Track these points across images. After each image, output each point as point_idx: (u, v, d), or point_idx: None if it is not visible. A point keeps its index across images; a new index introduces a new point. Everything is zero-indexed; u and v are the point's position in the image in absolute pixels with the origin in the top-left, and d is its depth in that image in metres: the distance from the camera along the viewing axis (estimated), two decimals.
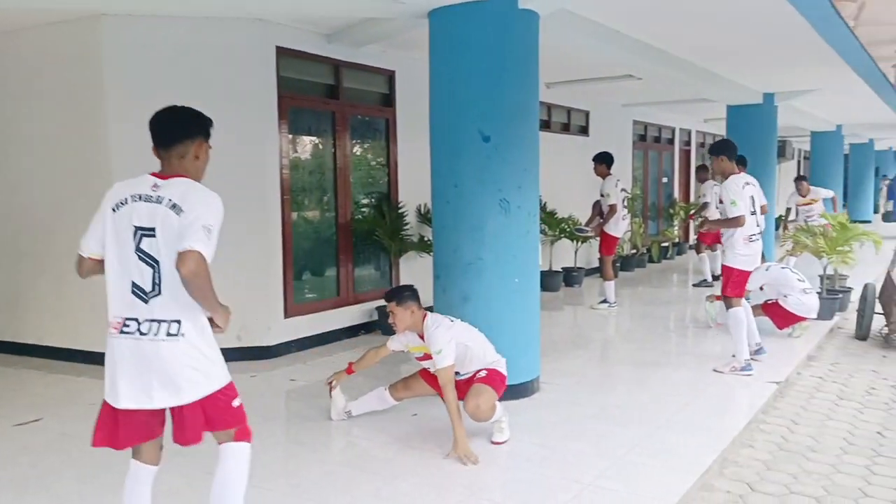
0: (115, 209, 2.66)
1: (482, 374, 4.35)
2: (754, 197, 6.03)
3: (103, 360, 2.72)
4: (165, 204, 2.59)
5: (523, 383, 5.24)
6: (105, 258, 2.69)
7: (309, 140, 7.34)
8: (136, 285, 2.61)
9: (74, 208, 5.86)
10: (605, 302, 8.97)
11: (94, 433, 2.73)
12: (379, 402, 4.82)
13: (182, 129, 2.73)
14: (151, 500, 2.87)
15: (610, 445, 4.33)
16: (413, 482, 3.84)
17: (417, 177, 7.31)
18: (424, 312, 4.37)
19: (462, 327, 4.43)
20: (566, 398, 5.30)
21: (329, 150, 7.39)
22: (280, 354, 6.62)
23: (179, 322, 2.60)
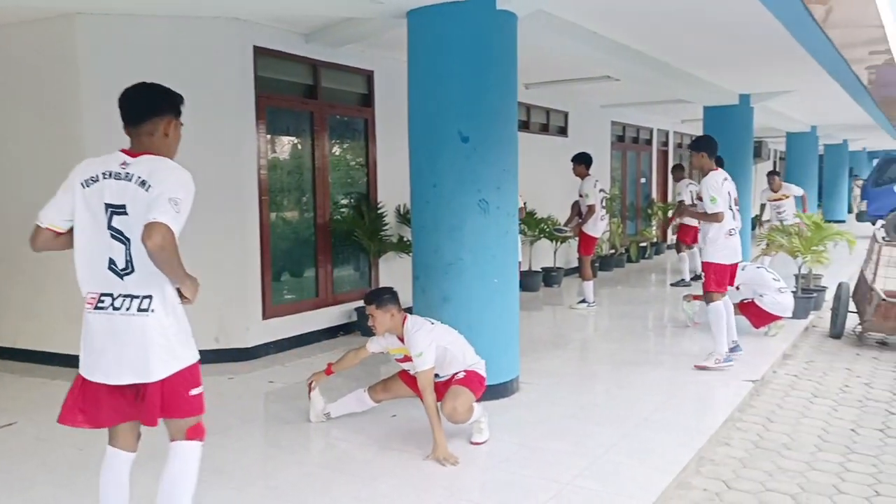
0: (86, 185, 2.64)
1: (460, 376, 4.35)
2: (731, 193, 6.18)
3: (78, 363, 2.71)
4: (135, 181, 2.58)
5: (503, 383, 5.25)
6: (75, 234, 2.68)
7: (287, 140, 7.30)
8: (113, 262, 2.61)
9: None
10: (584, 302, 9.02)
11: (61, 411, 2.72)
12: (358, 403, 4.81)
13: (151, 107, 2.70)
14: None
15: (589, 445, 4.35)
16: (392, 483, 3.84)
17: (397, 177, 7.30)
18: (404, 315, 4.36)
19: (442, 329, 4.42)
20: (545, 398, 5.32)
21: (307, 150, 7.36)
22: (258, 356, 6.58)
23: (151, 297, 2.60)
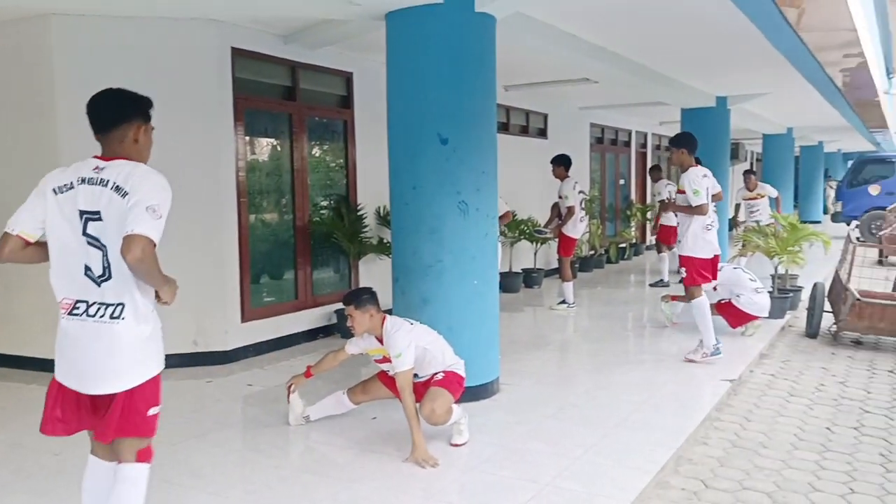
0: (58, 191, 2.62)
1: (439, 377, 4.34)
2: (709, 189, 6.39)
3: (54, 367, 2.69)
4: (109, 187, 2.55)
5: (483, 385, 5.26)
6: (49, 241, 2.65)
7: (266, 142, 7.26)
8: (89, 268, 2.59)
9: None
10: (563, 303, 9.05)
11: (42, 419, 2.71)
12: (337, 406, 4.79)
13: (118, 113, 2.68)
14: None
15: (568, 445, 4.37)
16: (372, 486, 3.83)
17: (376, 179, 7.30)
18: (383, 315, 4.36)
19: (421, 330, 4.42)
20: (525, 399, 5.34)
21: (286, 151, 7.32)
22: (237, 359, 6.53)
23: (123, 305, 2.58)
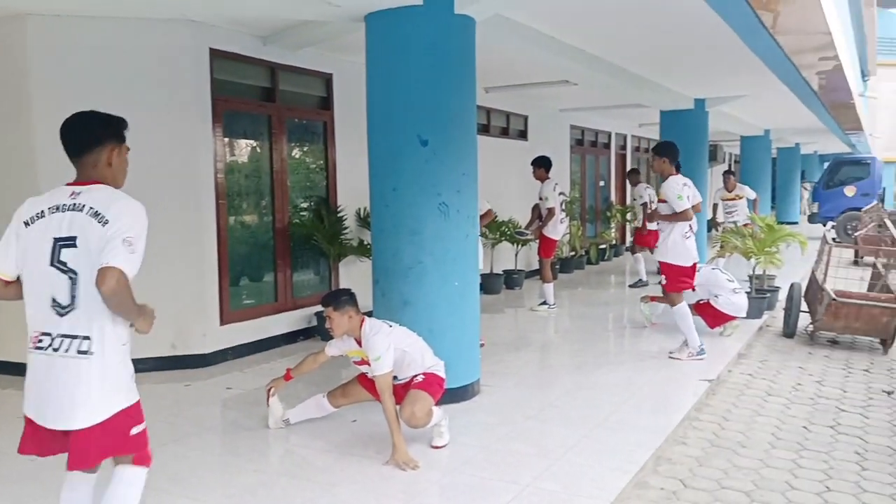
0: (29, 223, 2.59)
1: (419, 380, 4.34)
2: (689, 197, 6.47)
3: None
4: (86, 212, 2.52)
5: (463, 386, 5.25)
6: (22, 274, 2.62)
7: (245, 143, 7.22)
8: (55, 300, 2.54)
9: None
10: (544, 304, 9.08)
11: (20, 441, 2.69)
12: (317, 409, 4.77)
13: (90, 137, 2.64)
14: None
15: (549, 446, 4.38)
16: (352, 489, 3.81)
17: (356, 180, 7.27)
18: (362, 317, 4.34)
19: (401, 332, 4.40)
20: (506, 400, 5.34)
21: (266, 153, 7.28)
22: (216, 362, 6.48)
23: (90, 338, 2.53)
